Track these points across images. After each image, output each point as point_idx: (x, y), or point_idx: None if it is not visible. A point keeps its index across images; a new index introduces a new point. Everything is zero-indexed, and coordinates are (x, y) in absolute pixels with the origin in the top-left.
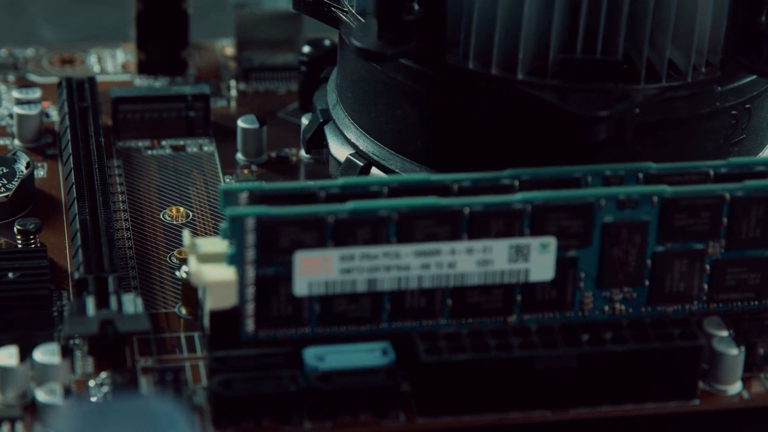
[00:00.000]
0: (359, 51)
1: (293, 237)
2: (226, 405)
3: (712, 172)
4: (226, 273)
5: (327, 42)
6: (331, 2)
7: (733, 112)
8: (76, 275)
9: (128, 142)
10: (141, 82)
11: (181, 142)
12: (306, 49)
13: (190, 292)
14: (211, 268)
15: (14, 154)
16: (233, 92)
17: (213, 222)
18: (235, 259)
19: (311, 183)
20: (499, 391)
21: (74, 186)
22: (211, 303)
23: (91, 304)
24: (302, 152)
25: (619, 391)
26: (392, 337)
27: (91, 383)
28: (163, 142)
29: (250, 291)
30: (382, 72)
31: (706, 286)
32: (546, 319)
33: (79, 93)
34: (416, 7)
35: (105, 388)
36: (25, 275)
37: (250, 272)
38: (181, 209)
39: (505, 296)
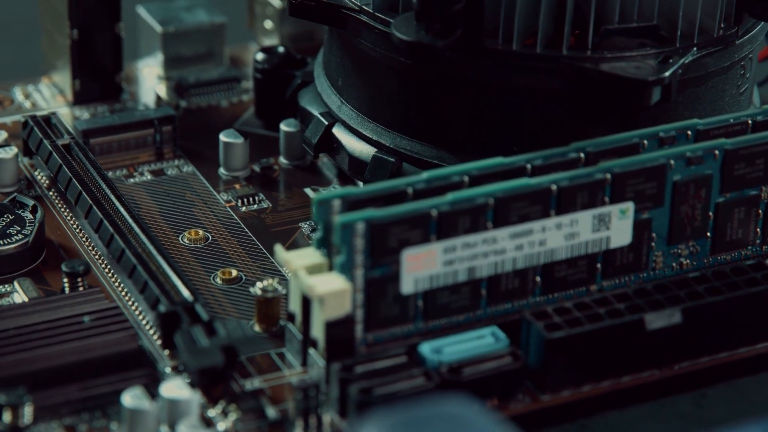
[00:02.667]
0: (409, 46)
1: (400, 236)
2: (370, 410)
3: (750, 121)
4: (336, 282)
5: (281, 49)
6: (336, 3)
7: (742, 63)
8: (162, 309)
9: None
10: (81, 112)
11: (156, 166)
12: (260, 56)
13: (265, 309)
14: (319, 280)
15: (13, 199)
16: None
17: (236, 240)
18: (346, 266)
19: (397, 181)
20: (613, 357)
21: (104, 221)
22: (325, 314)
23: (200, 334)
24: (282, 159)
25: (717, 340)
26: (489, 322)
27: (211, 413)
28: (140, 169)
29: (360, 296)
30: (411, 65)
31: (759, 230)
32: (623, 283)
33: (51, 130)
34: None
35: (232, 416)
36: (99, 318)
37: (359, 277)
38: (200, 232)
39: (588, 266)
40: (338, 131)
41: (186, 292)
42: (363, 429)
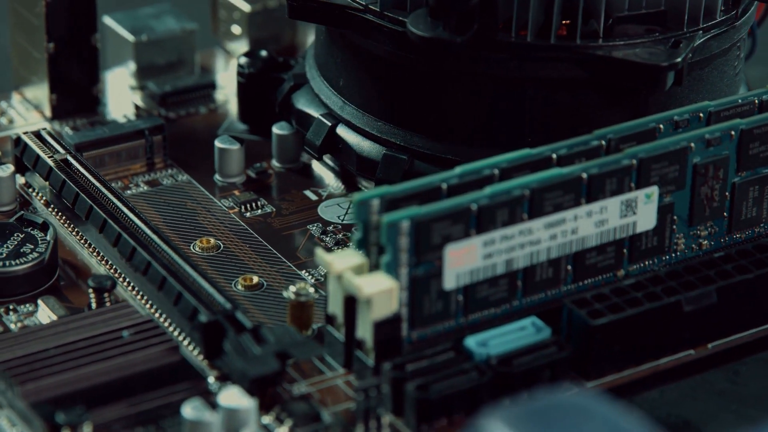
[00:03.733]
0: (428, 42)
1: (443, 232)
2: (428, 408)
3: (757, 101)
4: (383, 281)
5: (263, 53)
6: (339, 3)
7: (738, 44)
8: (203, 318)
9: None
10: (61, 127)
11: (151, 177)
12: (242, 60)
13: (299, 313)
14: (365, 280)
15: (20, 218)
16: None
17: (249, 246)
18: (392, 265)
19: (432, 178)
20: (651, 340)
21: (122, 235)
22: (373, 314)
23: (249, 342)
24: (274, 162)
25: (747, 317)
26: (525, 313)
27: (266, 420)
28: (134, 180)
29: (404, 295)
30: (424, 62)
31: None
32: (647, 267)
33: (45, 146)
34: None
35: (288, 422)
36: (137, 332)
37: (404, 275)
38: (211, 240)
39: (616, 252)
40: (343, 131)
41: (223, 300)
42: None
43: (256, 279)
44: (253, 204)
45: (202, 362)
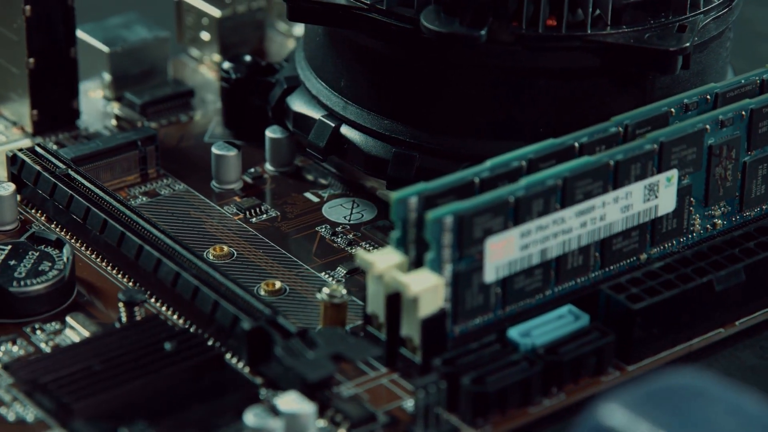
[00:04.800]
0: (446, 38)
1: (484, 225)
2: (485, 401)
3: (758, 80)
4: (429, 278)
5: (248, 57)
6: (342, 3)
7: (730, 26)
8: (246, 326)
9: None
10: (44, 142)
11: (148, 188)
12: (227, 65)
13: (334, 315)
14: (410, 278)
15: (32, 236)
16: None
17: (262, 252)
18: (436, 261)
19: (465, 172)
20: (684, 321)
21: (144, 247)
22: (421, 311)
23: (300, 346)
24: (268, 167)
25: None
26: (558, 301)
27: (320, 423)
28: (132, 192)
29: (447, 290)
30: (434, 58)
31: None
32: (667, 249)
33: (44, 162)
34: None
35: (344, 425)
36: (179, 343)
37: (448, 271)
38: (224, 248)
39: (640, 236)
40: (348, 131)
41: (263, 306)
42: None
43: (278, 284)
44: (257, 209)
45: (243, 369)
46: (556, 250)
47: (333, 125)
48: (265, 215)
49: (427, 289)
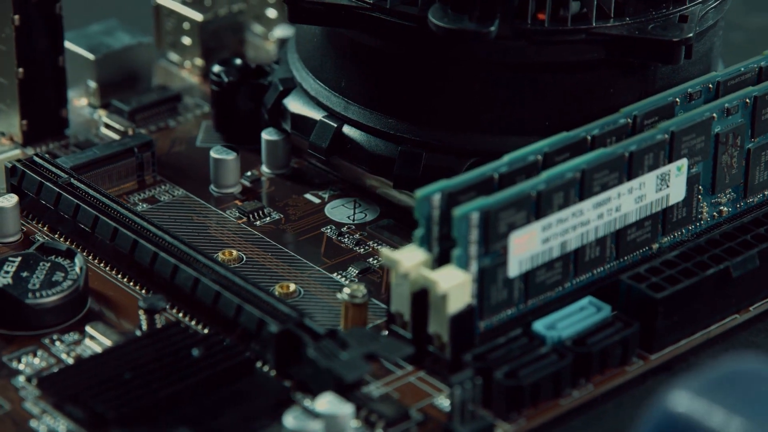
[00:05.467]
0: (456, 35)
1: (508, 220)
2: (519, 395)
3: (757, 68)
4: (456, 275)
5: (238, 60)
6: (345, 4)
7: (722, 15)
8: (274, 329)
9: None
10: (34, 152)
11: (147, 194)
12: (216, 69)
13: (356, 314)
14: (438, 275)
15: (41, 246)
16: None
17: (271, 254)
18: (462, 257)
19: (484, 168)
20: (703, 308)
21: (159, 254)
22: (450, 308)
23: (332, 347)
24: (264, 169)
25: None
26: (576, 293)
27: (354, 423)
28: (132, 199)
29: (473, 286)
30: (440, 56)
31: None
32: (677, 238)
33: (45, 171)
34: None
35: (380, 424)
36: (208, 349)
37: (474, 267)
38: (233, 252)
39: (652, 225)
40: (350, 131)
41: (288, 309)
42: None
43: (293, 286)
44: (260, 212)
45: (270, 373)
46: (575, 242)
47: (335, 125)
48: (268, 218)
49: (456, 285)
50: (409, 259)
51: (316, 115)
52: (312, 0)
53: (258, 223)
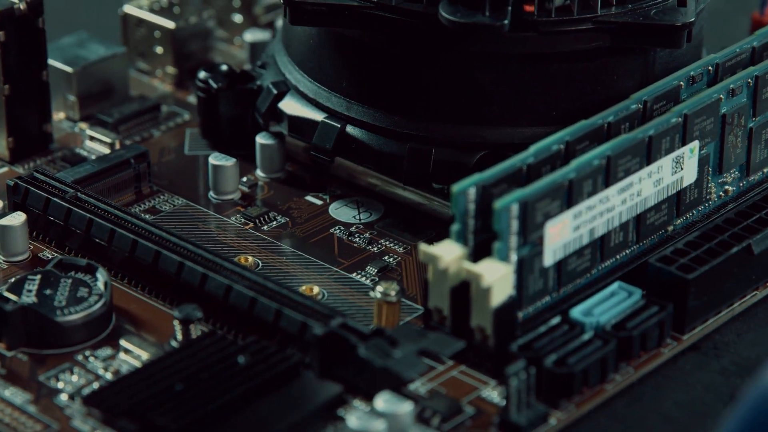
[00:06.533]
0: (470, 29)
1: (544, 210)
2: (571, 382)
3: (751, 48)
4: (498, 267)
5: (224, 67)
6: (348, 4)
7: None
8: (318, 331)
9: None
10: (26, 170)
11: (148, 205)
12: (202, 75)
13: (388, 312)
14: (482, 268)
15: (59, 263)
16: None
17: (286, 258)
18: (503, 250)
19: (513, 160)
20: (728, 286)
21: (185, 263)
22: (493, 300)
23: (384, 346)
24: (259, 173)
25: None
26: (602, 279)
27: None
28: (133, 210)
29: (514, 277)
30: (444, 51)
31: None
32: (689, 219)
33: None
34: None
35: (434, 420)
36: (253, 355)
37: (513, 258)
38: (249, 258)
39: (668, 208)
40: (355, 131)
41: (328, 310)
42: None
43: (316, 289)
44: (266, 217)
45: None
46: (602, 228)
47: (338, 126)
48: (274, 222)
49: (500, 278)
50: (448, 253)
51: (317, 116)
52: (315, 1)
53: (265, 227)
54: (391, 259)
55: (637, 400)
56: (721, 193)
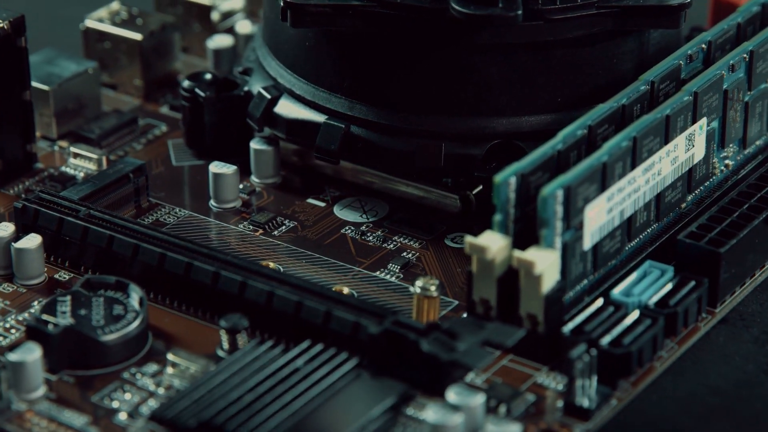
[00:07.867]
0: (484, 20)
1: (584, 195)
2: (628, 362)
3: (736, 24)
4: (545, 254)
5: (208, 75)
6: (350, 4)
7: None
8: (374, 330)
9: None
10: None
11: (152, 218)
12: (187, 84)
13: (428, 307)
14: (533, 256)
15: (86, 283)
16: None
17: (306, 261)
18: (549, 237)
19: (545, 147)
20: (750, 257)
21: (221, 273)
22: (543, 287)
23: (446, 340)
24: (254, 179)
25: None
26: (629, 260)
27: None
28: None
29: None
30: (449, 44)
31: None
32: (698, 195)
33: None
34: None
35: (501, 409)
36: (310, 360)
37: (558, 244)
38: (270, 264)
39: (682, 185)
40: (360, 131)
41: (377, 309)
42: None
43: (346, 290)
44: (274, 222)
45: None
46: (630, 209)
47: (342, 126)
48: (284, 227)
49: (549, 264)
50: (494, 244)
51: (318, 118)
52: (318, 3)
53: (276, 233)
54: (410, 255)
55: (679, 375)
56: (722, 167)
